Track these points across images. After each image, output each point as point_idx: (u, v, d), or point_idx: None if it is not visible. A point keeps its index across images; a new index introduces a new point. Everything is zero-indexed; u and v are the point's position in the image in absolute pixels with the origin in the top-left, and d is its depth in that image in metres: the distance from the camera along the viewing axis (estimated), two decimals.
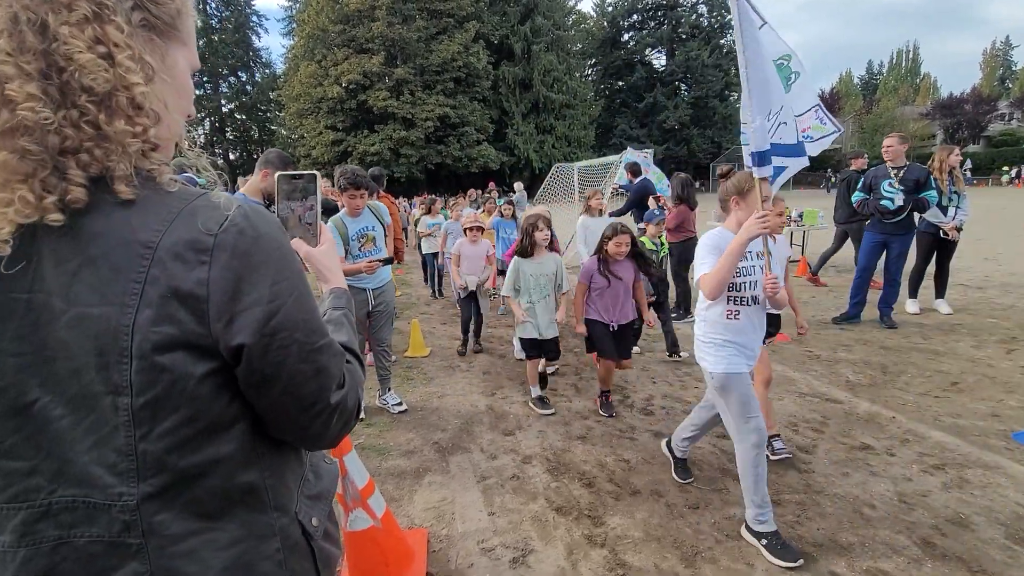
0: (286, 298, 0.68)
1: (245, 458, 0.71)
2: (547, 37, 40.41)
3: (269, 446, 0.74)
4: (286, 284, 0.68)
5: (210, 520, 0.68)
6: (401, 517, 2.60)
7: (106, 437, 0.61)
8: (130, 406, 0.61)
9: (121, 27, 0.62)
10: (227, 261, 0.63)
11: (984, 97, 46.28)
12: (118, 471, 0.62)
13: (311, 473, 0.86)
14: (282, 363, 0.68)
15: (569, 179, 13.11)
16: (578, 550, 2.33)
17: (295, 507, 0.78)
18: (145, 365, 0.60)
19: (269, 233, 0.69)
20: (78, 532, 0.63)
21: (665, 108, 45.39)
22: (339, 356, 0.76)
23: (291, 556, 0.76)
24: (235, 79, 45.53)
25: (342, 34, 34.94)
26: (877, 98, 57.17)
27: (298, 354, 0.69)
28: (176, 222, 0.63)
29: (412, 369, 4.81)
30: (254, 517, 0.72)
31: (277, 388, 0.69)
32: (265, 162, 3.07)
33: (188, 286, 0.61)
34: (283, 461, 0.77)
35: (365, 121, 35.70)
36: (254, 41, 46.23)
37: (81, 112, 0.60)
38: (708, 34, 46.40)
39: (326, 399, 0.73)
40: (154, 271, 0.60)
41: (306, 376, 0.70)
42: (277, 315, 0.67)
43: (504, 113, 40.16)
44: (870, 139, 45.72)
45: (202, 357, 0.64)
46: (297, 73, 36.25)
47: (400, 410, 3.84)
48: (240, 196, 2.97)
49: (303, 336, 0.69)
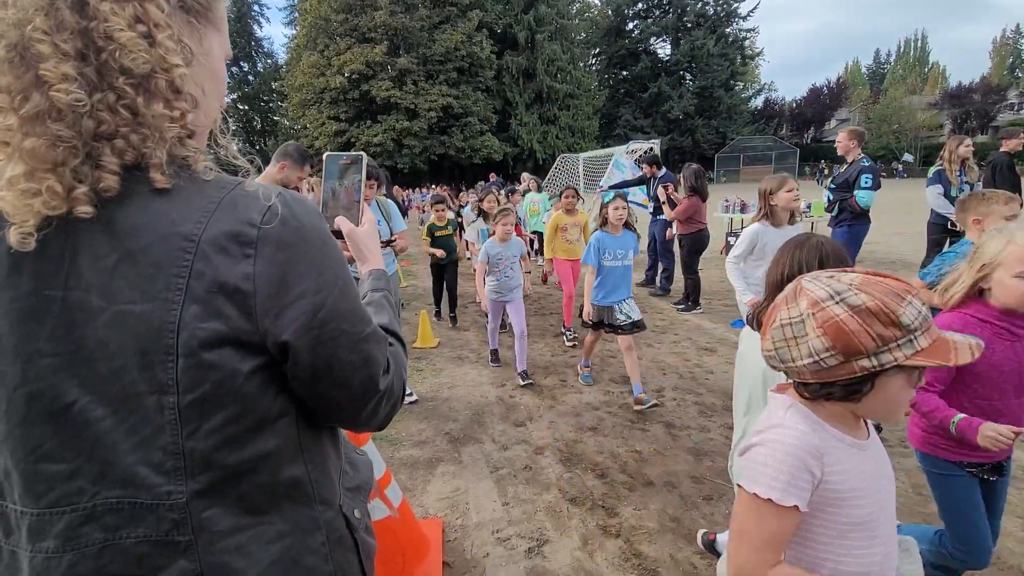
0: (332, 289, 0.66)
1: (290, 452, 0.70)
2: (551, 26, 39.99)
3: (312, 440, 0.74)
4: (331, 274, 0.67)
5: (258, 515, 0.67)
6: (415, 507, 2.61)
7: (151, 437, 0.60)
8: (176, 404, 0.59)
9: (162, 6, 0.60)
10: (272, 254, 0.62)
11: (993, 86, 45.74)
12: (164, 470, 0.60)
13: (348, 465, 0.85)
14: (332, 355, 0.67)
15: (575, 169, 13.05)
16: (593, 540, 2.34)
17: (339, 500, 0.77)
18: (192, 363, 0.59)
19: (312, 222, 0.67)
20: (124, 533, 0.61)
21: (670, 98, 44.98)
22: (383, 342, 0.75)
23: (336, 549, 0.75)
24: (237, 69, 45.29)
25: (344, 23, 34.65)
26: (884, 88, 56.60)
27: (347, 345, 0.68)
28: (217, 213, 0.60)
29: (421, 360, 4.81)
30: (300, 511, 0.71)
31: (327, 380, 0.68)
32: (284, 154, 3.06)
33: (234, 280, 0.60)
34: (324, 454, 0.77)
35: (368, 111, 35.50)
36: (256, 31, 45.98)
37: (119, 95, 0.57)
38: (714, 23, 45.86)
39: (375, 387, 0.72)
40: (198, 265, 0.58)
41: (355, 366, 0.70)
42: (325, 307, 0.65)
43: (507, 103, 39.88)
44: (876, 129, 45.35)
45: (250, 353, 0.62)
46: (299, 63, 35.98)
47: (411, 400, 3.85)
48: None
49: (350, 326, 0.68)
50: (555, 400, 3.83)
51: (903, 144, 42.40)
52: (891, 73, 66.10)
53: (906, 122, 44.03)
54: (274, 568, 0.68)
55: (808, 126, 52.79)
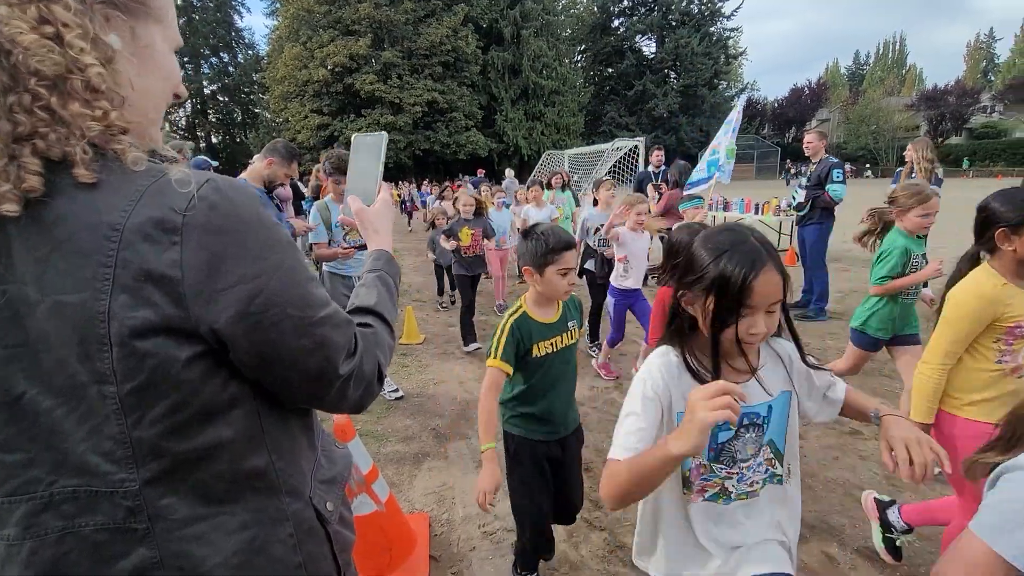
0: (272, 274, 0.65)
1: (250, 442, 0.70)
2: (537, 22, 39.95)
3: (279, 430, 0.74)
4: (270, 259, 0.66)
5: (219, 504, 0.68)
6: (402, 502, 2.62)
7: (99, 425, 0.61)
8: (117, 394, 0.60)
9: (69, 5, 0.59)
10: (200, 240, 0.60)
11: (967, 89, 46.95)
12: (115, 458, 0.62)
13: (324, 458, 0.85)
14: (278, 341, 0.66)
15: (560, 166, 13.08)
16: (578, 533, 2.38)
17: (309, 491, 0.78)
18: (126, 352, 0.59)
19: (246, 205, 0.66)
20: (82, 521, 0.62)
21: (654, 96, 45.29)
22: (345, 325, 0.74)
23: (306, 540, 0.76)
24: (217, 60, 44.40)
25: (327, 15, 34.21)
26: (863, 89, 57.70)
27: (294, 330, 0.67)
28: (143, 201, 0.60)
29: (407, 356, 4.81)
30: (265, 501, 0.72)
31: (279, 366, 0.68)
32: (272, 150, 3.04)
33: (161, 268, 0.59)
34: (294, 445, 0.77)
35: (352, 105, 35.14)
36: (236, 21, 45.08)
37: (33, 96, 0.57)
38: (698, 21, 46.24)
39: (334, 371, 0.71)
40: (124, 254, 0.58)
41: (307, 351, 0.69)
42: (263, 292, 0.64)
43: (493, 99, 39.78)
44: (856, 130, 46.25)
45: (186, 341, 0.62)
46: (281, 55, 35.45)
47: (396, 396, 3.85)
48: (241, 183, 2.93)
49: (297, 311, 0.67)
50: None
51: (880, 145, 43.32)
52: (870, 74, 67.50)
53: (884, 123, 44.98)
54: (237, 557, 0.68)
55: (790, 126, 53.58)
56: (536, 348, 1.78)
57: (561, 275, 1.72)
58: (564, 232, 1.75)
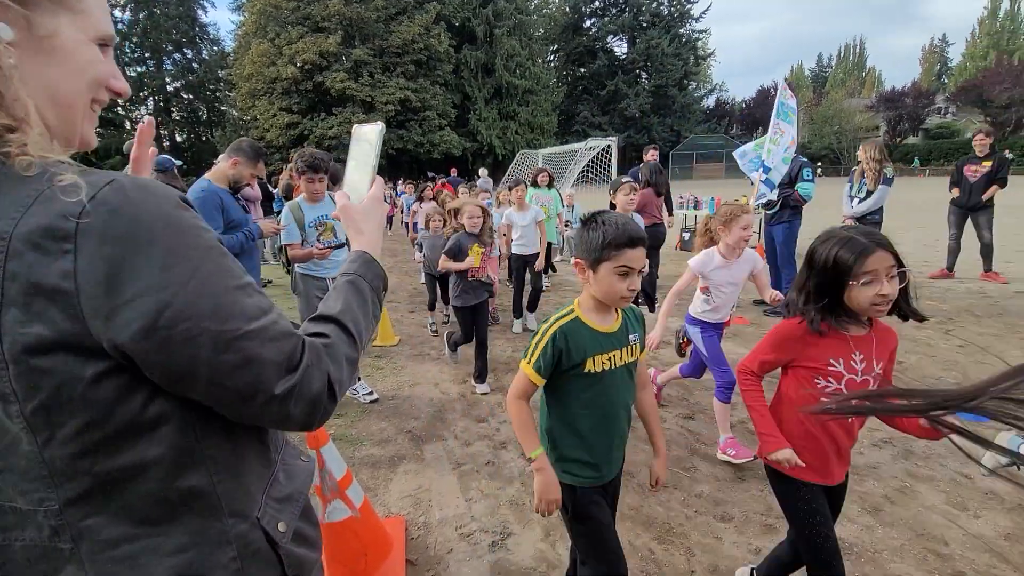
0: (185, 284, 0.59)
1: (183, 461, 0.65)
2: (509, 21, 39.97)
3: (220, 448, 0.69)
4: (183, 268, 0.59)
5: (153, 525, 0.65)
6: (378, 506, 2.59)
7: (12, 444, 0.58)
8: (22, 413, 0.57)
9: None
10: (96, 248, 0.55)
11: (923, 91, 48.91)
12: (32, 477, 0.59)
13: (282, 473, 0.80)
14: (195, 357, 0.60)
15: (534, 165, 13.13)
16: (555, 531, 2.39)
17: (257, 512, 0.73)
18: (23, 370, 0.55)
19: (154, 207, 0.59)
20: (14, 536, 0.61)
21: (626, 96, 45.86)
22: (282, 338, 0.66)
23: (251, 564, 0.71)
24: (180, 56, 43.00)
25: (296, 11, 33.51)
26: (826, 90, 59.55)
27: (213, 345, 0.60)
28: (33, 208, 0.55)
29: (381, 358, 4.75)
30: (204, 523, 0.67)
31: (200, 384, 0.62)
32: (237, 149, 2.96)
33: (52, 280, 0.54)
34: (240, 463, 0.72)
35: (322, 103, 34.52)
36: (200, 16, 43.73)
37: None
38: (668, 23, 47.00)
39: (267, 389, 0.64)
40: (11, 265, 0.53)
41: (232, 366, 0.62)
42: (173, 305, 0.58)
43: (466, 98, 39.66)
44: (820, 130, 47.68)
45: (89, 358, 0.57)
46: (248, 52, 34.55)
47: (371, 399, 3.80)
48: (205, 183, 2.84)
49: (216, 324, 0.61)
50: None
51: (843, 145, 44.76)
52: (832, 76, 69.72)
53: (846, 123, 46.50)
54: None
55: (757, 126, 54.87)
56: (591, 362, 1.49)
57: (619, 276, 1.42)
58: (632, 224, 1.44)
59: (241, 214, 2.96)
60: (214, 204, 2.79)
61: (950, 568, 2.10)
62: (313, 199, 3.38)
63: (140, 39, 38.89)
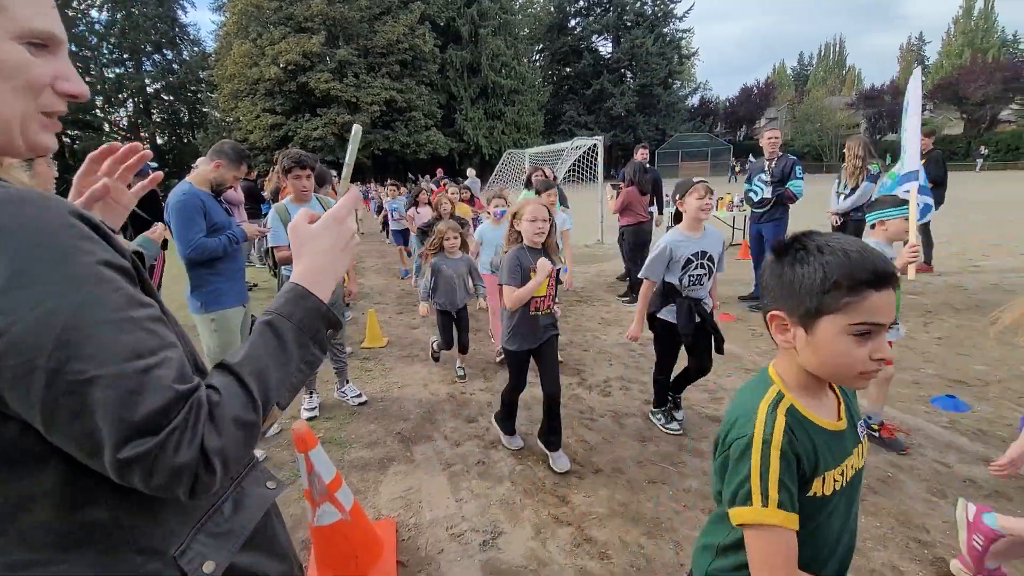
0: (26, 311, 0.52)
1: (78, 495, 0.61)
2: (494, 21, 39.92)
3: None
4: (32, 292, 0.53)
5: (58, 551, 0.62)
6: (368, 508, 2.58)
7: None
8: None
9: None
10: None
11: (901, 89, 49.76)
12: None
13: (228, 504, 0.75)
14: (26, 397, 0.53)
15: (520, 164, 13.14)
16: (546, 529, 2.40)
17: (176, 549, 0.67)
18: None
19: (14, 223, 0.53)
20: None
21: (612, 95, 46.02)
22: (147, 392, 0.56)
23: None
24: (160, 57, 42.22)
25: (278, 11, 33.13)
26: (807, 88, 60.35)
27: (47, 386, 0.53)
28: None
29: (369, 360, 4.73)
30: (108, 558, 0.63)
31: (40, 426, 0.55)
32: (219, 152, 2.92)
33: None
34: (153, 499, 0.65)
35: (306, 104, 34.16)
36: (180, 16, 42.99)
37: None
38: (652, 22, 47.23)
39: (108, 451, 0.55)
40: None
41: (70, 413, 0.54)
42: (6, 335, 0.52)
43: (452, 98, 39.55)
44: (802, 127, 48.29)
45: None
46: (230, 52, 34.08)
47: (359, 402, 3.78)
48: (186, 186, 2.80)
49: (53, 363, 0.53)
50: None
51: (825, 142, 45.40)
52: (813, 75, 70.67)
53: (827, 120, 47.15)
54: None
55: (740, 124, 55.50)
56: (819, 482, 0.93)
57: (857, 338, 0.87)
58: (872, 252, 0.87)
59: (224, 217, 2.92)
60: (196, 208, 2.75)
61: (931, 555, 2.15)
62: (301, 198, 3.34)
63: (118, 40, 37.97)
